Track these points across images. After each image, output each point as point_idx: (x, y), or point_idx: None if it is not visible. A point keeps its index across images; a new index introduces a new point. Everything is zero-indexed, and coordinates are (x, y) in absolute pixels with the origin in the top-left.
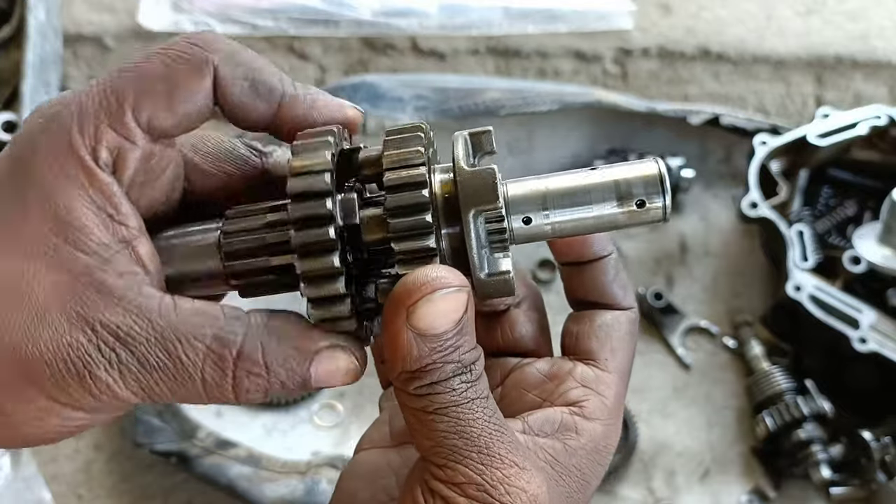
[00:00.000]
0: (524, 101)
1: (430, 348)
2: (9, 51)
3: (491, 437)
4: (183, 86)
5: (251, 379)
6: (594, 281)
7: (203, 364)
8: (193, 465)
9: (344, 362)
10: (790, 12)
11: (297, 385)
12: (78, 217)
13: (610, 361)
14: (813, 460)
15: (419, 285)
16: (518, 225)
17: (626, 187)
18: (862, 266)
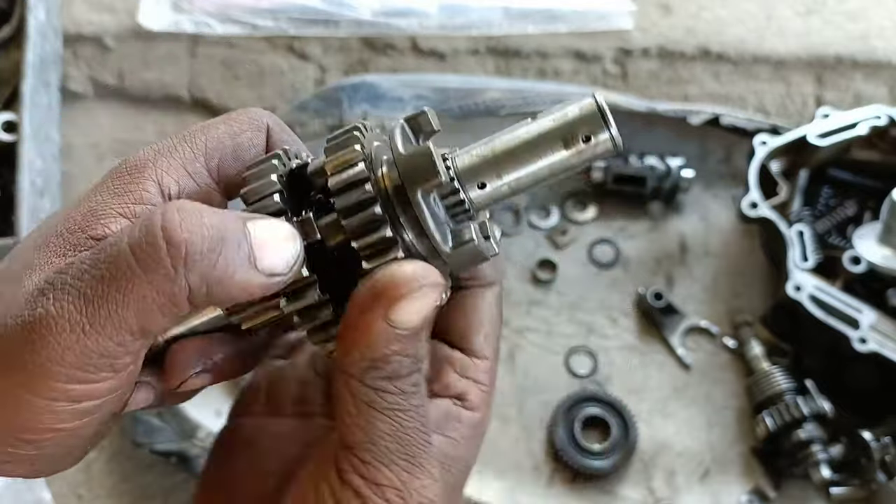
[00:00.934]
0: (524, 101)
1: (396, 341)
2: (9, 51)
3: (420, 447)
4: (245, 138)
5: (184, 217)
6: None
7: (129, 230)
8: (193, 464)
9: (282, 228)
10: (790, 12)
11: (238, 248)
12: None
13: (484, 346)
14: (813, 460)
15: (407, 280)
16: (475, 193)
17: (569, 129)
18: (862, 266)
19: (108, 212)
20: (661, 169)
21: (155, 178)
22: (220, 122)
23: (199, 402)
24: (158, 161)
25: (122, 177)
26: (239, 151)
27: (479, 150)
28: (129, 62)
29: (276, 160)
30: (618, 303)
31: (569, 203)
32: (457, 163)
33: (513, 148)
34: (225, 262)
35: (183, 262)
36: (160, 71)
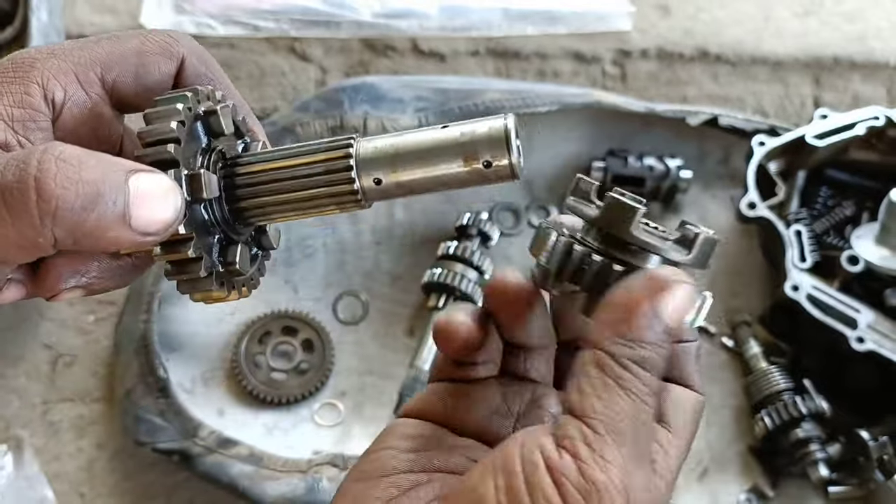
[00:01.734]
0: (524, 102)
1: (657, 330)
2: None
3: (647, 445)
4: (153, 63)
5: (61, 168)
6: (678, 362)
7: (3, 166)
8: (195, 463)
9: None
10: (788, 14)
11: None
12: None
13: (682, 431)
14: (811, 459)
15: (676, 274)
16: (369, 185)
17: (472, 146)
18: (860, 266)
19: None
20: (659, 169)
21: (40, 81)
22: (131, 36)
23: (201, 401)
24: (49, 62)
25: (4, 73)
26: (141, 72)
27: (381, 142)
28: None
29: (183, 102)
30: None
31: None
32: (359, 149)
33: (414, 149)
34: (97, 220)
35: (51, 216)
36: None
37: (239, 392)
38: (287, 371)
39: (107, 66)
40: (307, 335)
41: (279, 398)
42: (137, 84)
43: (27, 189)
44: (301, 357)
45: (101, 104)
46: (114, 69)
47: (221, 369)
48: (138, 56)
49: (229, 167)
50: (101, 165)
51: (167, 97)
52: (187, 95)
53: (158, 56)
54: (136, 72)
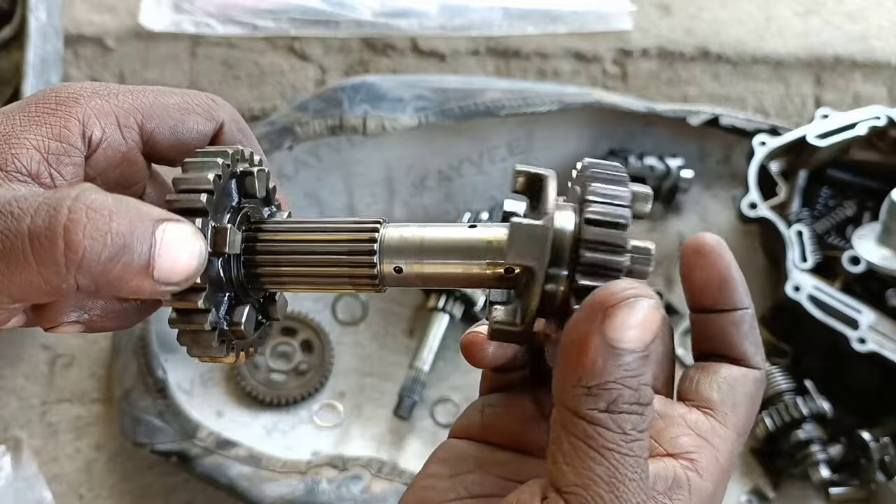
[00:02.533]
0: (524, 102)
1: (615, 364)
2: (10, 51)
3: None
4: (192, 121)
5: (91, 219)
6: (725, 333)
7: (35, 213)
8: (194, 464)
9: (191, 239)
10: (789, 13)
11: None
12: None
13: (730, 416)
14: (812, 460)
15: (622, 288)
16: (389, 271)
17: (498, 252)
18: (861, 266)
19: (21, 140)
20: (660, 169)
21: (81, 118)
22: (176, 93)
23: (200, 402)
24: (93, 101)
25: (47, 104)
26: (180, 128)
27: (408, 232)
28: (129, 62)
29: (223, 158)
30: None
31: None
32: (385, 235)
33: (440, 245)
34: (121, 270)
35: (77, 265)
36: (161, 71)
37: (238, 393)
38: (286, 372)
39: (148, 116)
40: (306, 336)
41: (278, 399)
42: (174, 137)
43: (56, 237)
44: (300, 358)
45: (135, 150)
46: (154, 119)
47: (220, 370)
48: (180, 112)
49: (253, 230)
50: (130, 215)
51: (208, 150)
52: (228, 152)
53: (199, 116)
54: (175, 126)
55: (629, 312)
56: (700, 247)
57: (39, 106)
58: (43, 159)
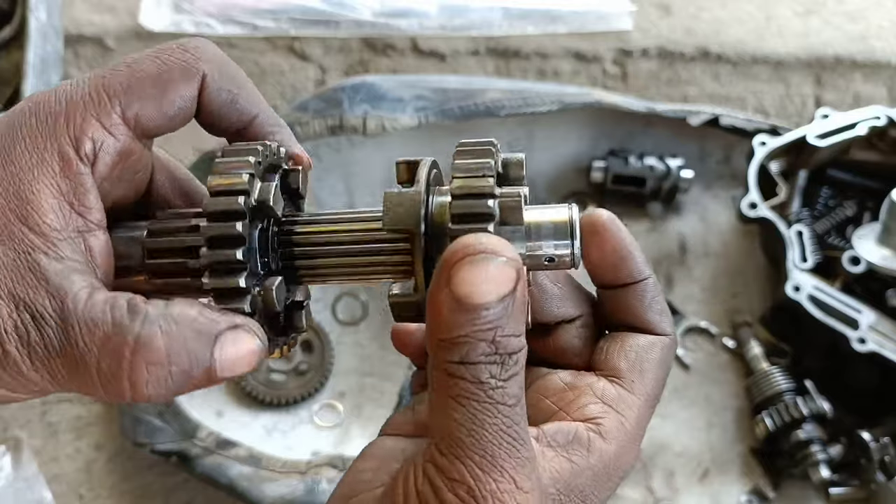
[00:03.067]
0: (524, 102)
1: (465, 318)
2: (10, 51)
3: (500, 446)
4: (172, 89)
5: (151, 369)
6: (629, 305)
7: (99, 352)
8: (194, 464)
9: (248, 343)
10: (789, 13)
11: (202, 374)
12: (38, 199)
13: (636, 383)
14: (812, 461)
15: (464, 245)
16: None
17: (535, 233)
18: (861, 266)
19: (35, 194)
20: (660, 169)
21: (70, 137)
22: (147, 59)
23: (199, 402)
24: (71, 115)
25: (34, 138)
26: (163, 105)
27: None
28: None
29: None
30: None
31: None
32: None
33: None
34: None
35: (140, 394)
36: None
37: (238, 393)
38: (286, 372)
39: (126, 103)
40: (306, 336)
41: (278, 399)
42: (158, 114)
43: (121, 382)
44: (300, 358)
45: (129, 141)
46: (133, 104)
47: None
48: (156, 84)
49: (288, 223)
50: (186, 349)
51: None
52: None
53: (178, 81)
54: (157, 103)
55: (471, 268)
56: (593, 224)
57: (27, 142)
58: (64, 202)
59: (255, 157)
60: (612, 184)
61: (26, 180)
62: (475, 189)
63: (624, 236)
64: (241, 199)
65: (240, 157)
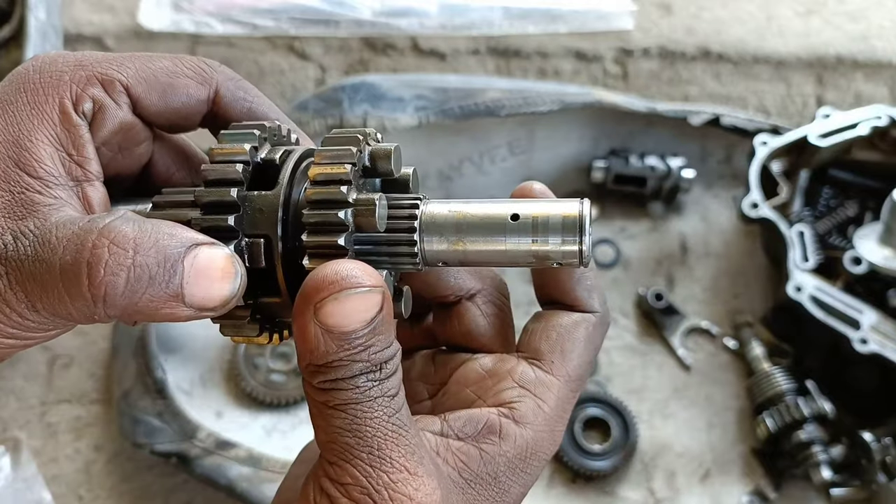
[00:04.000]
0: (525, 101)
1: (337, 345)
2: (9, 50)
3: (386, 437)
4: (182, 85)
5: (113, 254)
6: (558, 281)
7: (65, 247)
8: (193, 465)
9: (223, 262)
10: (790, 13)
11: (166, 283)
12: (36, 147)
13: (557, 364)
14: (813, 461)
15: (328, 282)
16: (430, 249)
17: (543, 226)
18: (863, 267)
19: (33, 142)
20: (661, 169)
21: (70, 94)
22: (166, 58)
23: (199, 403)
24: (76, 73)
25: (35, 91)
26: (169, 92)
27: (449, 208)
28: None
29: (249, 143)
30: (618, 303)
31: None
32: (425, 211)
33: (482, 221)
34: (149, 300)
35: (102, 299)
36: None
37: (237, 394)
38: (286, 372)
39: (135, 80)
40: None
41: (278, 400)
42: (163, 103)
43: (80, 274)
44: None
45: (129, 113)
46: (141, 84)
47: (220, 371)
48: (168, 76)
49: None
50: (157, 245)
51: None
52: (253, 133)
53: (190, 80)
54: (164, 91)
55: (336, 305)
56: (524, 195)
57: (30, 93)
58: (62, 151)
59: (259, 132)
60: (613, 183)
61: (25, 129)
62: (329, 195)
63: None
64: (239, 167)
65: (245, 130)
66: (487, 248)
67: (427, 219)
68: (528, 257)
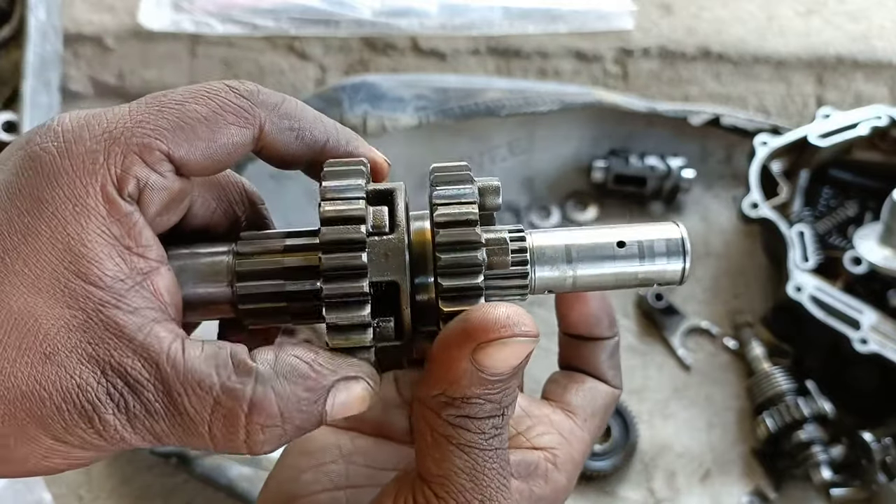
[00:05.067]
0: (525, 102)
1: (480, 385)
2: (9, 50)
3: (497, 490)
4: (226, 134)
5: (266, 431)
6: (591, 357)
7: (211, 418)
8: (193, 465)
9: (357, 391)
10: (791, 13)
11: (315, 425)
12: (92, 248)
13: (589, 422)
14: (813, 461)
15: (499, 325)
16: (540, 275)
17: (649, 251)
18: (863, 267)
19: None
20: (661, 169)
21: (112, 177)
22: (200, 99)
23: None
24: (111, 151)
25: (71, 182)
26: (211, 149)
27: (555, 240)
28: (129, 62)
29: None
30: (618, 303)
31: (569, 203)
32: (534, 241)
33: (592, 248)
34: (294, 437)
35: (255, 451)
36: (160, 71)
37: None
38: None
39: (174, 143)
40: (306, 336)
41: None
42: (206, 158)
43: (237, 450)
44: None
45: (175, 179)
46: (181, 146)
47: None
48: (208, 125)
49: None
50: (300, 405)
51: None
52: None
53: (232, 125)
54: (206, 146)
55: (501, 348)
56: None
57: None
58: (119, 246)
59: (361, 179)
60: (613, 184)
61: (74, 232)
62: (463, 236)
63: (604, 296)
64: (362, 228)
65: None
66: (596, 272)
67: (538, 250)
68: (633, 280)
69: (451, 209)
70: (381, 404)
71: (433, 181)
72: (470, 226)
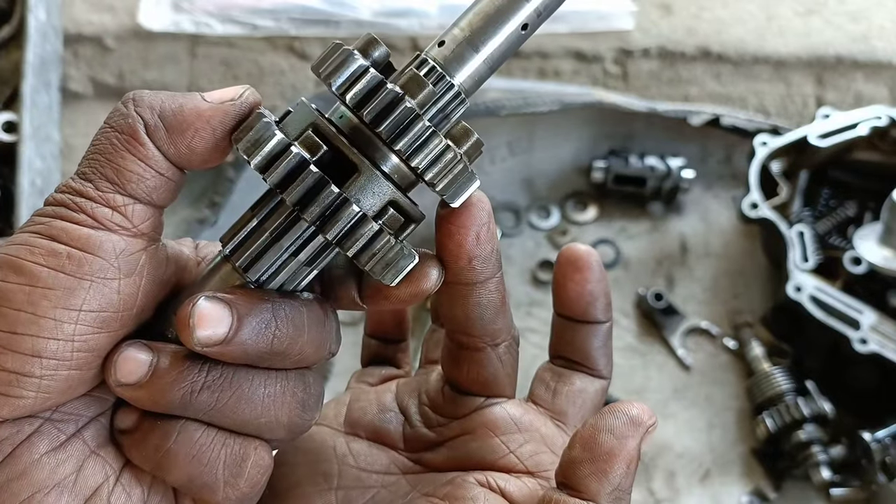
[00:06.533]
0: (524, 102)
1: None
2: (9, 51)
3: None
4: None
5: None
6: (584, 343)
7: None
8: None
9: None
10: (791, 13)
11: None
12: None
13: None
14: (813, 461)
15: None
16: (459, 80)
17: None
18: (862, 267)
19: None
20: (661, 169)
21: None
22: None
23: None
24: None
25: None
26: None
27: (452, 35)
28: (129, 62)
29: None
30: (618, 303)
31: (569, 203)
32: (434, 54)
33: (486, 19)
34: None
35: None
36: (160, 71)
37: None
38: None
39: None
40: None
41: None
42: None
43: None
44: None
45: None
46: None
47: None
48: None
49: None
50: None
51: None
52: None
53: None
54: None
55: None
56: (576, 261)
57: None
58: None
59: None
60: (612, 184)
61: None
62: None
63: (602, 276)
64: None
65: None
66: (503, 38)
67: (444, 59)
68: (536, 18)
69: (356, 87)
70: (377, 408)
71: (322, 79)
72: (381, 87)
